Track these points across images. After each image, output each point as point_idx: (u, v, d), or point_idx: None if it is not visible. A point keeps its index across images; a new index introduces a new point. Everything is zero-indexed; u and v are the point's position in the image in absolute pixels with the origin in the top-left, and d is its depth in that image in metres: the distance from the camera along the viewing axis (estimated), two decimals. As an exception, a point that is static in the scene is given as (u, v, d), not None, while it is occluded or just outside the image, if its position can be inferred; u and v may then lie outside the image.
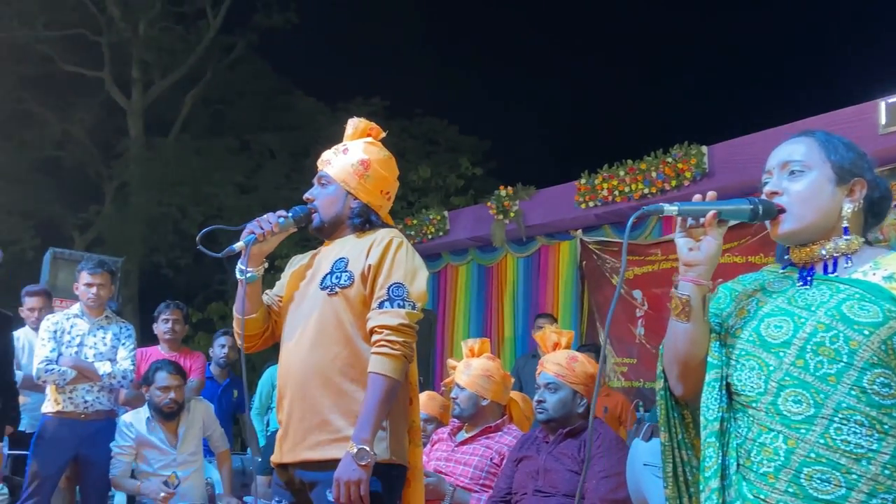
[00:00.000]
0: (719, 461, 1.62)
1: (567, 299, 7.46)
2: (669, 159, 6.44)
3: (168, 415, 4.51)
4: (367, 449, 2.20)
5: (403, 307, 2.33)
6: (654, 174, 6.51)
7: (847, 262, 1.64)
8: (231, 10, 16.94)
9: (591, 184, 6.95)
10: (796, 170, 1.66)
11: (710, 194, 1.65)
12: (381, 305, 2.34)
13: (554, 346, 3.36)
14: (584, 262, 7.40)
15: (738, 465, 1.62)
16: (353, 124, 2.61)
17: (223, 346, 5.98)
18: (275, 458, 2.46)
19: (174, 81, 16.97)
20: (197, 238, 2.39)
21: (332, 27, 17.71)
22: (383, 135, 2.64)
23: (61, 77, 16.56)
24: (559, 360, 3.23)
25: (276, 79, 17.65)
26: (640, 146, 6.89)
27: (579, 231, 7.43)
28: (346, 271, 2.41)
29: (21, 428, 4.95)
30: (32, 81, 16.32)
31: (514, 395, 3.79)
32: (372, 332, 2.34)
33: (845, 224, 1.64)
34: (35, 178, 16.14)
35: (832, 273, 1.64)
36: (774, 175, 1.69)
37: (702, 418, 1.66)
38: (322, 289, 2.42)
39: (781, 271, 1.72)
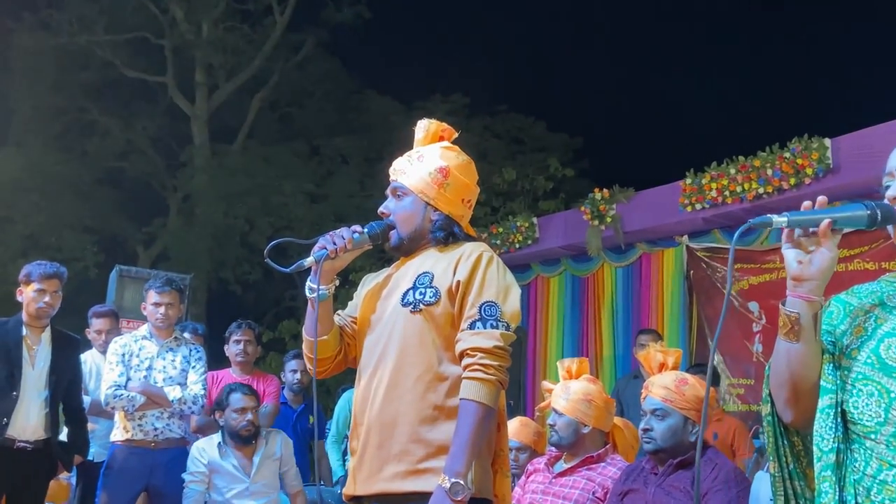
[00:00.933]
0: (836, 497, 1.59)
1: (673, 313, 7.36)
2: (787, 154, 6.29)
3: (245, 439, 4.60)
4: (462, 483, 2.20)
5: (497, 328, 2.32)
6: (769, 171, 6.37)
7: None
8: (299, 5, 17.30)
9: (697, 184, 6.85)
10: None
11: (821, 199, 1.62)
12: (472, 326, 2.33)
13: (660, 367, 3.32)
14: (691, 272, 7.29)
15: (857, 503, 1.57)
16: (424, 126, 2.61)
17: (294, 370, 6.05)
18: (348, 490, 2.47)
19: (240, 84, 17.44)
20: (265, 251, 2.43)
21: (407, 20, 17.94)
22: (456, 135, 2.64)
23: (123, 83, 17.22)
24: (667, 384, 3.19)
25: (348, 78, 17.94)
26: (754, 140, 6.77)
27: (685, 237, 7.32)
28: (432, 287, 2.41)
29: (89, 457, 5.13)
30: (94, 89, 17.03)
31: (618, 421, 3.76)
32: (463, 354, 2.33)
33: None
34: (97, 190, 16.80)
35: None
36: None
37: (815, 448, 1.63)
38: (404, 305, 2.43)
39: None
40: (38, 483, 4.53)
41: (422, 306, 2.40)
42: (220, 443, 4.63)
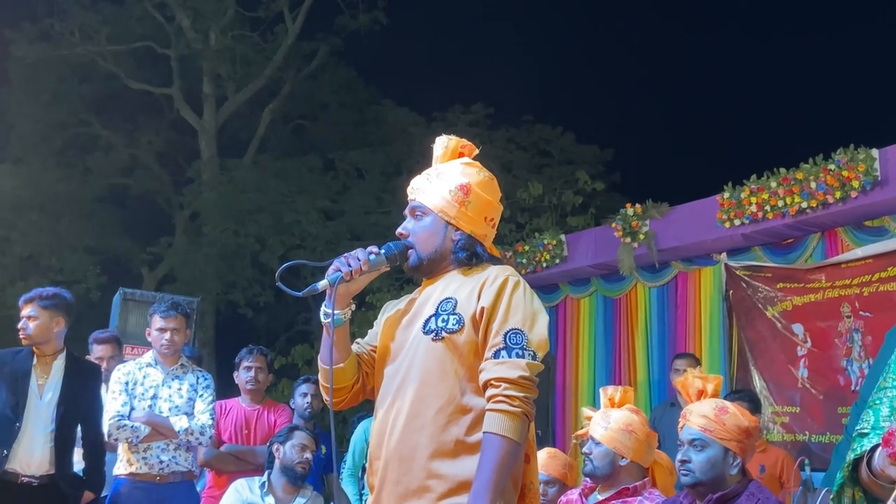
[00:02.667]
0: None
1: (712, 336, 7.32)
2: (832, 166, 6.26)
3: (298, 476, 4.64)
4: None
5: (523, 357, 2.32)
6: (813, 185, 6.34)
7: None
8: (311, 12, 17.42)
9: (736, 198, 6.82)
10: None
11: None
12: (496, 355, 2.33)
13: (698, 395, 3.30)
14: (730, 292, 7.25)
15: None
16: (443, 143, 2.64)
17: (305, 394, 5.91)
18: (365, 530, 2.49)
19: (250, 95, 17.59)
20: (276, 274, 2.45)
21: (425, 26, 18.00)
22: (476, 152, 2.66)
23: (127, 96, 17.40)
24: (705, 412, 3.17)
25: (364, 88, 18.05)
26: (796, 151, 6.74)
27: (723, 255, 7.29)
28: (455, 314, 2.42)
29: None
30: (96, 102, 17.22)
31: (660, 457, 3.73)
32: (487, 385, 2.33)
33: None
34: (100, 209, 16.95)
35: None
36: None
37: None
38: (426, 333, 2.44)
39: None
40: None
41: (444, 334, 2.40)
42: (263, 482, 4.64)
